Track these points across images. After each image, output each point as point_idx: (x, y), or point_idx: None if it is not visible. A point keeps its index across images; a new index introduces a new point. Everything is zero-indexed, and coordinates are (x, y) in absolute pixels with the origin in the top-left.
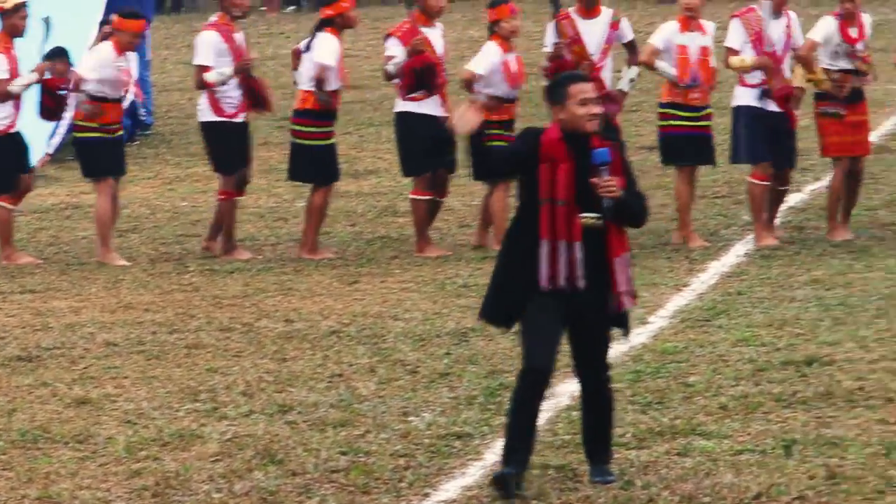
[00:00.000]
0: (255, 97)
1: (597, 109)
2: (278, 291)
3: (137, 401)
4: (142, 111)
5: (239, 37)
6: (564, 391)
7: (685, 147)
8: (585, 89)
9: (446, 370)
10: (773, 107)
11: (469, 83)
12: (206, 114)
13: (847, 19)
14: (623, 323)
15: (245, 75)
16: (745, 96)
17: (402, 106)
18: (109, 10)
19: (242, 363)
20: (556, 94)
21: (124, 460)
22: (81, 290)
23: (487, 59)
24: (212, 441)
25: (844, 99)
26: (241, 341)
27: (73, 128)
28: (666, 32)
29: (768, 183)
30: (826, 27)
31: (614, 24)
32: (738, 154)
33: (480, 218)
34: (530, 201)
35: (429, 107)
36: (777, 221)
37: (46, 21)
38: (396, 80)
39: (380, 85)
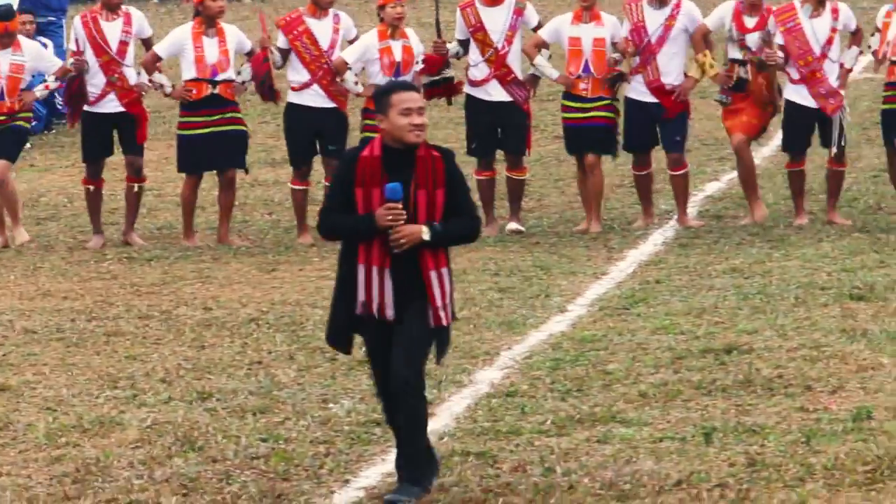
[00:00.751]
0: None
1: (420, 120)
2: (197, 279)
3: (57, 388)
4: (58, 100)
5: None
6: (483, 378)
7: (581, 137)
8: (409, 98)
9: (365, 357)
10: (647, 97)
11: (339, 71)
12: None
13: (747, 8)
14: (442, 341)
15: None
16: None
17: (289, 97)
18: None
19: (161, 350)
20: (379, 102)
21: (44, 447)
22: None
23: (360, 46)
24: (131, 428)
25: (733, 87)
26: (160, 329)
27: None
28: (556, 24)
29: (644, 172)
30: (719, 12)
31: (518, 11)
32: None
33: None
34: None
35: (310, 98)
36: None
37: None
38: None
39: None
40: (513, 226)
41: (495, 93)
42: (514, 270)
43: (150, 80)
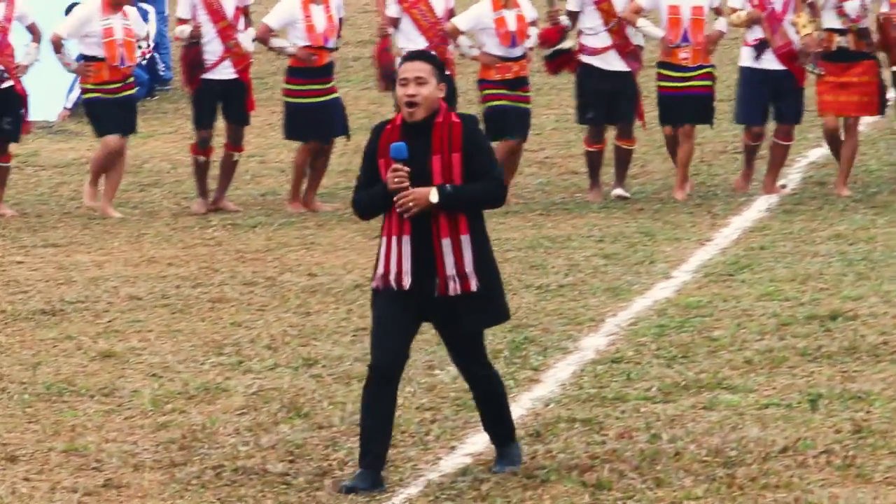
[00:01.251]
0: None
1: (413, 90)
2: (301, 246)
3: (162, 354)
4: (161, 66)
5: None
6: (589, 345)
7: (678, 107)
8: (408, 68)
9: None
10: (773, 65)
11: (453, 37)
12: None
13: None
14: (471, 308)
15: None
16: (744, 56)
17: None
18: None
19: (266, 317)
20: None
21: (150, 413)
22: (104, 244)
23: (473, 15)
24: (237, 394)
25: (830, 58)
26: (264, 295)
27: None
28: None
29: (756, 143)
30: None
31: None
32: (735, 114)
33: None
34: None
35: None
36: (782, 180)
37: None
38: None
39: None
40: (618, 191)
41: (614, 62)
42: (619, 237)
43: (270, 48)
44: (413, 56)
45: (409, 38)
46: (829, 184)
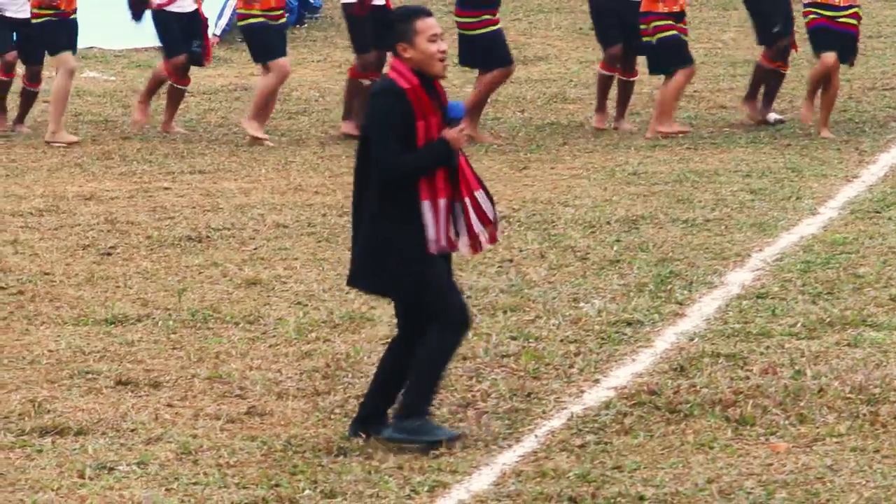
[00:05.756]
0: None
1: (446, 46)
2: None
3: (308, 282)
4: None
5: None
6: (734, 280)
7: (832, 37)
8: (434, 24)
9: (616, 257)
10: None
11: None
12: None
13: None
14: None
15: None
16: None
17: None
18: None
19: None
20: (401, 29)
21: (294, 342)
22: (251, 171)
23: None
24: (381, 324)
25: None
26: None
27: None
28: None
29: None
30: None
31: None
32: None
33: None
34: None
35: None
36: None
37: None
38: None
39: None
40: (773, 116)
41: None
42: (766, 172)
43: None
44: (429, 12)
45: None
46: None
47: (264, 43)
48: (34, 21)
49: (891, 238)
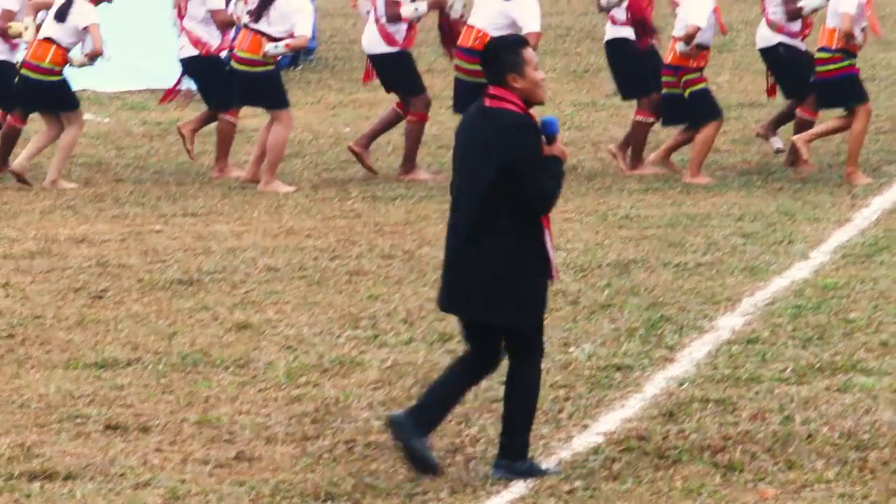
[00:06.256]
0: (446, 35)
1: (543, 74)
2: (440, 219)
3: (298, 326)
4: None
5: None
6: (725, 324)
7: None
8: (534, 54)
9: (607, 301)
10: None
11: (691, 37)
12: (378, 45)
13: None
14: None
15: (441, 13)
16: None
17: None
18: None
19: (403, 290)
20: (509, 59)
21: (284, 386)
22: (243, 214)
23: (704, 9)
24: (372, 368)
25: None
26: (402, 269)
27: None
28: None
29: None
30: None
31: None
32: None
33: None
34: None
35: None
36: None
37: None
38: None
39: (543, 13)
40: (776, 142)
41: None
42: (758, 216)
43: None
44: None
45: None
46: None
47: (280, 90)
48: (50, 79)
49: (882, 283)
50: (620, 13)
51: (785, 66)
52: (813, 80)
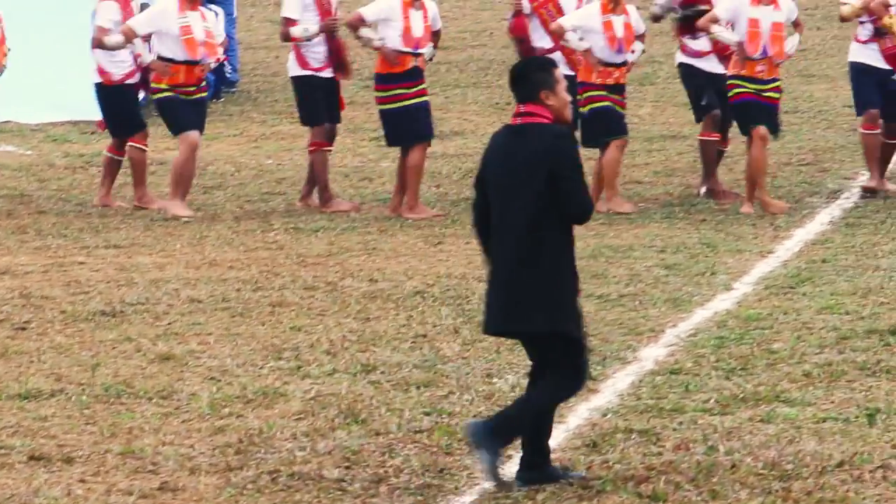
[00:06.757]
0: (335, 59)
1: None
2: (363, 251)
3: (221, 357)
4: (227, 68)
5: None
6: (648, 355)
7: (757, 111)
8: (562, 74)
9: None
10: (880, 63)
11: (559, 34)
12: (293, 69)
13: None
14: None
15: (329, 35)
16: (855, 52)
17: None
18: None
19: (326, 322)
20: (544, 78)
21: (208, 417)
22: (166, 245)
23: (582, 14)
24: (295, 399)
25: None
26: (325, 300)
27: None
28: (736, 3)
29: (875, 132)
30: None
31: None
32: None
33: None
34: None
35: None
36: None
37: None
38: None
39: (466, 46)
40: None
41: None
42: (681, 247)
43: (358, 36)
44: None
45: (542, 36)
46: (893, 197)
47: (174, 115)
48: None
49: (805, 314)
50: (697, 44)
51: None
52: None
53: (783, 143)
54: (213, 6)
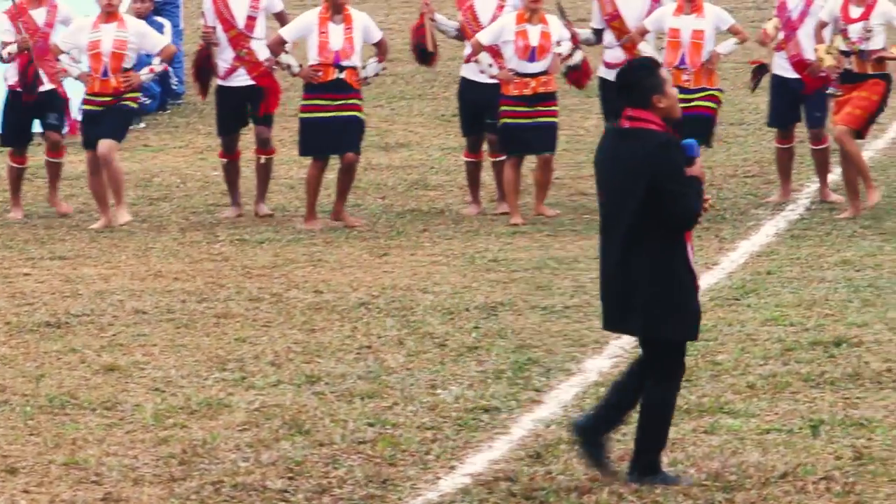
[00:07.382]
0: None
1: None
2: (308, 262)
3: (166, 369)
4: (173, 80)
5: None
6: (592, 367)
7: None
8: (667, 73)
9: (475, 344)
10: (790, 73)
11: (475, 51)
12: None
13: None
14: None
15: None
16: (774, 63)
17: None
18: None
19: (271, 333)
20: (653, 81)
21: (152, 428)
22: (111, 257)
23: (497, 27)
24: (239, 410)
25: (840, 79)
26: (270, 311)
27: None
28: (660, 13)
29: (784, 146)
30: (831, 3)
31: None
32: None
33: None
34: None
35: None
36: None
37: None
38: None
39: (411, 58)
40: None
41: None
42: None
43: (277, 62)
44: None
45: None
46: (838, 209)
47: (84, 129)
48: None
49: (749, 325)
50: (614, 55)
51: None
52: None
53: (728, 155)
54: (158, 18)
